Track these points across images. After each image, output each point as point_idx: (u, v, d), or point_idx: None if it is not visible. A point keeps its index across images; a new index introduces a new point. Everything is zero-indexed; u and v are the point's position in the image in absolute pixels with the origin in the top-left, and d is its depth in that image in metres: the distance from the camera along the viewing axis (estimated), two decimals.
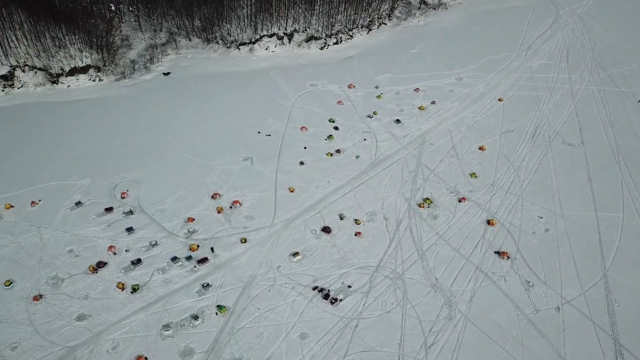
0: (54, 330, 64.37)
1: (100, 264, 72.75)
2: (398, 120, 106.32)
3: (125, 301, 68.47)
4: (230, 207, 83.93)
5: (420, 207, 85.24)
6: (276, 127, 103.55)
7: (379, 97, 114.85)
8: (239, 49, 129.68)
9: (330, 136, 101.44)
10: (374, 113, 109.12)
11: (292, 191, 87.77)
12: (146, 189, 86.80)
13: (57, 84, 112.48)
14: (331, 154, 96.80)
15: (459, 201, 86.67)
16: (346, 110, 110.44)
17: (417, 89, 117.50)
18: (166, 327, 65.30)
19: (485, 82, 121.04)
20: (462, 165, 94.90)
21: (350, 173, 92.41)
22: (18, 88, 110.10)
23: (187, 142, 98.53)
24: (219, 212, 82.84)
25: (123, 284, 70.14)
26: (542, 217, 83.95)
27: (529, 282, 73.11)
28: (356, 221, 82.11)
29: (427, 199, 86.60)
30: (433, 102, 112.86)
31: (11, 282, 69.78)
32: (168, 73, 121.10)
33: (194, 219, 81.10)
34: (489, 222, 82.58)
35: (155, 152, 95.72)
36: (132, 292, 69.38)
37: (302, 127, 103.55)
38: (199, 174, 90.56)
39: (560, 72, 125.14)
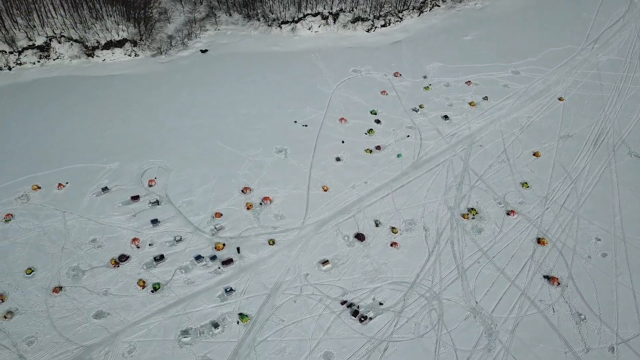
0: (71, 327, 62.38)
1: (123, 258, 70.07)
2: (446, 117, 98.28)
3: (145, 300, 65.72)
4: (260, 204, 79.46)
5: (464, 217, 78.39)
6: (314, 117, 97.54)
7: (427, 88, 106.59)
8: (281, 27, 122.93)
9: (370, 130, 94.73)
10: (420, 106, 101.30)
11: (325, 190, 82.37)
12: (175, 177, 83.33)
13: (92, 57, 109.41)
14: (370, 151, 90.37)
15: (507, 214, 79.25)
16: (390, 101, 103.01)
17: (468, 82, 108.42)
18: (185, 333, 62.23)
19: (545, 78, 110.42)
20: (513, 173, 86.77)
21: (389, 174, 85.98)
22: (54, 60, 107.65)
23: (219, 127, 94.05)
24: (248, 208, 78.57)
25: (144, 282, 67.28)
26: (599, 240, 75.77)
27: (580, 315, 66.01)
28: (393, 229, 76.21)
29: (472, 209, 79.55)
30: (485, 98, 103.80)
31: (32, 271, 68.06)
32: (205, 50, 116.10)
33: (221, 214, 77.21)
34: (539, 241, 75.16)
35: (186, 136, 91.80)
36: (152, 292, 66.47)
37: (342, 119, 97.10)
38: (230, 164, 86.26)
39: (630, 71, 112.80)
